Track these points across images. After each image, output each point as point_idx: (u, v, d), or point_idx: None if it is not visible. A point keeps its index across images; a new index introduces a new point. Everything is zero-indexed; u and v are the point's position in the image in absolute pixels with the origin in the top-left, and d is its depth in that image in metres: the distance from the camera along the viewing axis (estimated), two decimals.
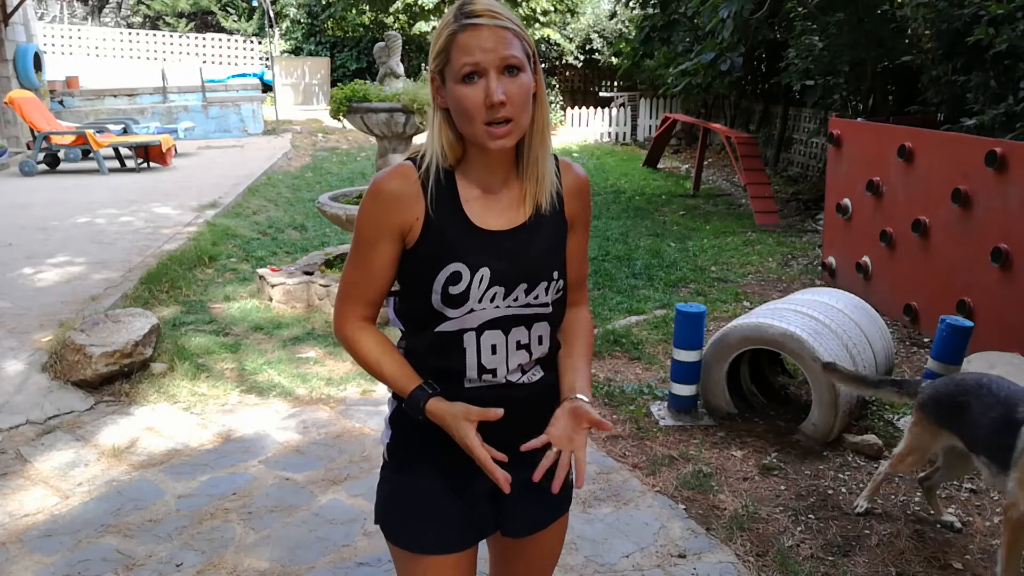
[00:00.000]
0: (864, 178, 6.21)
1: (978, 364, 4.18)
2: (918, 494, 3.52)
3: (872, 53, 8.55)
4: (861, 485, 3.59)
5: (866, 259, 6.26)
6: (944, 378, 3.29)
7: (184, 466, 3.73)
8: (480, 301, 1.47)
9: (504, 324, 1.51)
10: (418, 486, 1.59)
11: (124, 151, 12.62)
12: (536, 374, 1.58)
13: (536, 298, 1.52)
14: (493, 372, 1.52)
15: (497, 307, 1.49)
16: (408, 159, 1.53)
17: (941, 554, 3.08)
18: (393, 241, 1.50)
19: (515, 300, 1.50)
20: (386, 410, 1.71)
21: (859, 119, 7.64)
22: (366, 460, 3.78)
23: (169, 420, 4.20)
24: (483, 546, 1.74)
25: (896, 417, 4.19)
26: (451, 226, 1.47)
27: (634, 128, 18.25)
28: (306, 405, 4.41)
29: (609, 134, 18.03)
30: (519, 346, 1.53)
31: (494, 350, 1.51)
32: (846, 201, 6.51)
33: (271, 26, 20.93)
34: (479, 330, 1.50)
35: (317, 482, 3.59)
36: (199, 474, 3.65)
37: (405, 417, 1.59)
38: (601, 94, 20.53)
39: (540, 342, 1.56)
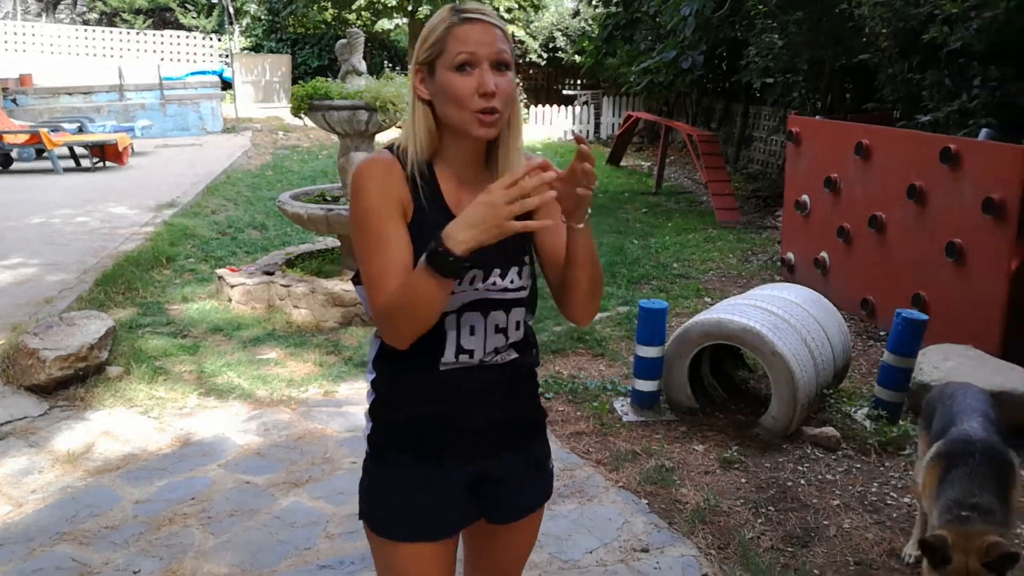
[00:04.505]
0: (822, 175, 6.30)
1: (933, 357, 4.27)
2: (875, 485, 3.58)
3: (830, 51, 8.66)
4: (820, 477, 3.64)
5: (824, 255, 6.35)
6: (938, 385, 3.27)
7: (141, 471, 3.66)
8: (460, 283, 1.51)
9: (483, 307, 1.56)
10: (397, 475, 1.62)
11: (79, 150, 12.41)
12: (509, 355, 1.63)
13: (512, 282, 1.57)
14: (470, 353, 1.56)
15: (476, 289, 1.53)
16: (385, 148, 1.57)
17: (899, 545, 3.13)
18: (400, 214, 1.50)
19: (493, 284, 1.55)
20: (348, 410, 1.69)
21: (817, 117, 7.74)
22: (328, 462, 3.75)
23: (126, 424, 4.12)
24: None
25: (853, 409, 4.26)
26: (436, 214, 1.51)
27: (597, 126, 18.32)
28: (267, 407, 4.36)
29: (573, 132, 18.05)
30: (497, 329, 1.58)
31: (472, 331, 1.56)
32: (804, 198, 6.59)
33: (231, 23, 20.66)
34: (459, 312, 1.54)
35: (278, 485, 3.54)
36: (157, 479, 3.59)
37: (383, 409, 1.63)
38: (564, 92, 20.59)
39: (517, 327, 1.62)
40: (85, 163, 12.25)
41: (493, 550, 1.78)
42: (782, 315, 4.07)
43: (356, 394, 4.49)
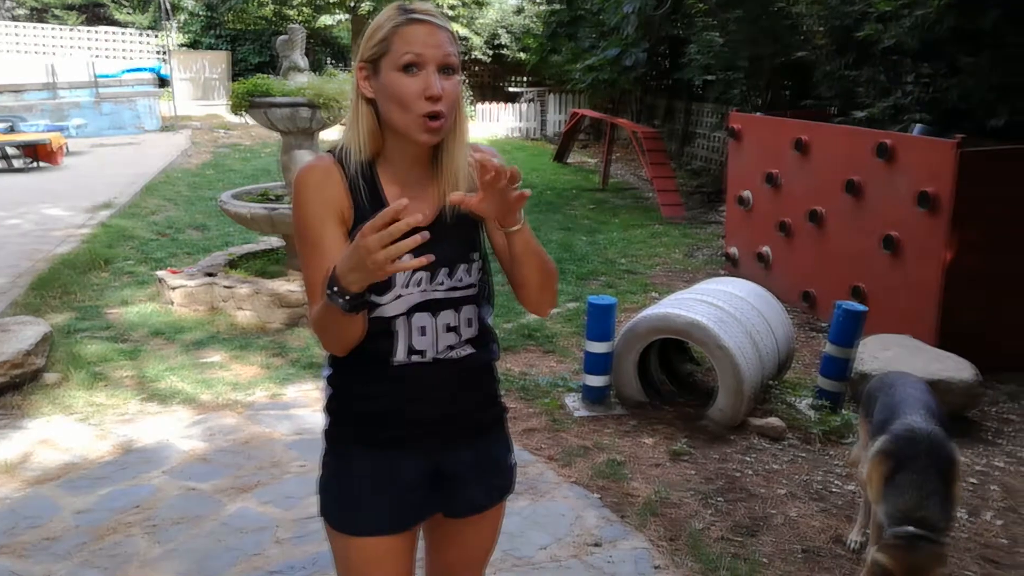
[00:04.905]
0: (763, 170, 6.41)
1: (872, 346, 4.38)
2: (819, 473, 3.66)
3: (769, 49, 8.83)
4: (766, 467, 3.71)
5: (766, 249, 6.47)
6: (878, 375, 3.33)
7: (82, 480, 3.56)
8: (407, 286, 1.51)
9: (432, 307, 1.55)
10: (353, 469, 1.62)
11: (11, 150, 11.99)
12: (464, 351, 1.61)
13: (460, 280, 1.56)
14: (422, 353, 1.56)
15: (424, 291, 1.53)
16: (327, 151, 1.57)
17: (844, 531, 3.21)
18: (337, 221, 1.51)
19: (440, 284, 1.54)
20: (296, 413, 1.67)
21: (757, 113, 7.88)
22: (276, 466, 3.69)
23: (65, 432, 4.00)
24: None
25: (796, 400, 4.35)
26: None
27: (543, 123, 18.36)
28: (211, 411, 4.27)
29: (519, 129, 18.09)
30: (448, 328, 1.58)
31: (423, 331, 1.55)
32: (746, 193, 6.71)
33: (167, 19, 20.18)
34: (408, 313, 1.54)
35: (225, 491, 3.47)
36: (98, 487, 3.49)
37: (339, 404, 1.63)
38: (510, 89, 20.60)
39: (469, 324, 1.61)
40: (17, 164, 11.87)
41: (452, 546, 1.78)
42: (727, 309, 4.13)
43: (303, 396, 4.43)
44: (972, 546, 3.12)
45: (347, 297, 1.35)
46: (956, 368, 4.06)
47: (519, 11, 20.76)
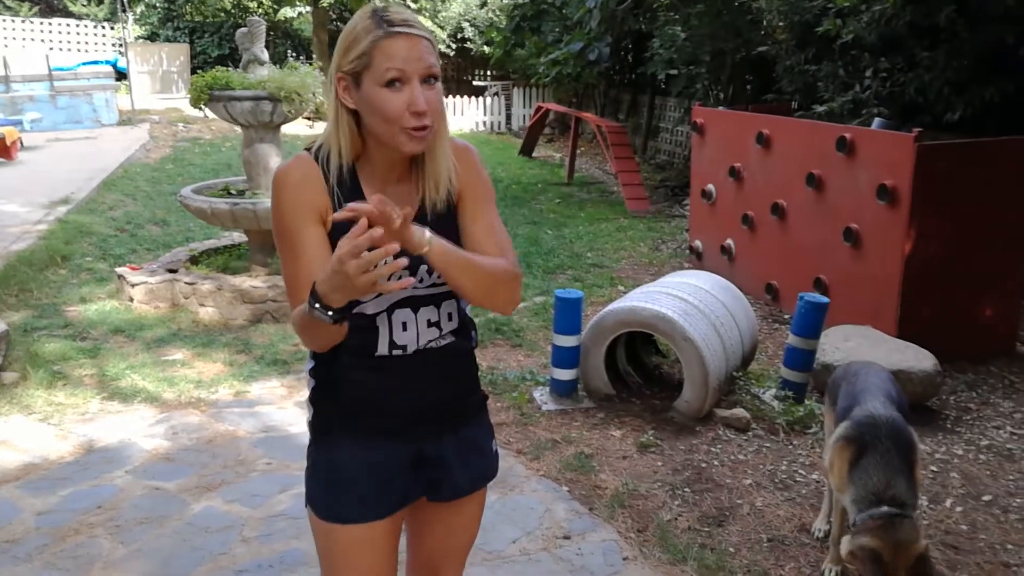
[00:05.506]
0: (726, 164, 6.47)
1: (834, 337, 4.45)
2: (784, 463, 3.72)
3: (731, 44, 8.91)
4: (732, 457, 3.75)
5: (730, 241, 6.54)
6: (842, 364, 3.36)
7: (42, 481, 3.49)
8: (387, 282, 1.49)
9: (413, 303, 1.58)
10: (336, 458, 1.64)
11: None
12: (445, 340, 1.64)
13: (439, 276, 1.56)
14: (403, 348, 1.59)
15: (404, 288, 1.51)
16: (305, 149, 1.57)
17: (809, 520, 3.26)
18: (316, 222, 1.51)
19: (420, 281, 1.55)
20: (261, 410, 1.66)
21: (720, 107, 7.95)
22: (241, 464, 3.64)
23: (24, 432, 3.92)
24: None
25: (761, 391, 4.40)
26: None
27: (508, 117, 18.32)
28: (174, 410, 4.21)
29: (484, 123, 18.04)
30: (429, 324, 1.60)
31: (405, 327, 1.58)
32: (710, 187, 6.77)
33: (124, 10, 19.79)
34: (389, 310, 1.56)
35: (189, 490, 3.43)
36: (59, 488, 3.43)
37: (322, 395, 1.66)
38: (475, 83, 20.53)
39: (450, 318, 1.64)
40: None
41: (434, 533, 1.80)
42: (692, 301, 4.17)
43: (268, 393, 4.39)
44: (934, 532, 3.18)
45: (330, 312, 1.36)
46: (916, 358, 4.14)
47: (483, 4, 20.67)
